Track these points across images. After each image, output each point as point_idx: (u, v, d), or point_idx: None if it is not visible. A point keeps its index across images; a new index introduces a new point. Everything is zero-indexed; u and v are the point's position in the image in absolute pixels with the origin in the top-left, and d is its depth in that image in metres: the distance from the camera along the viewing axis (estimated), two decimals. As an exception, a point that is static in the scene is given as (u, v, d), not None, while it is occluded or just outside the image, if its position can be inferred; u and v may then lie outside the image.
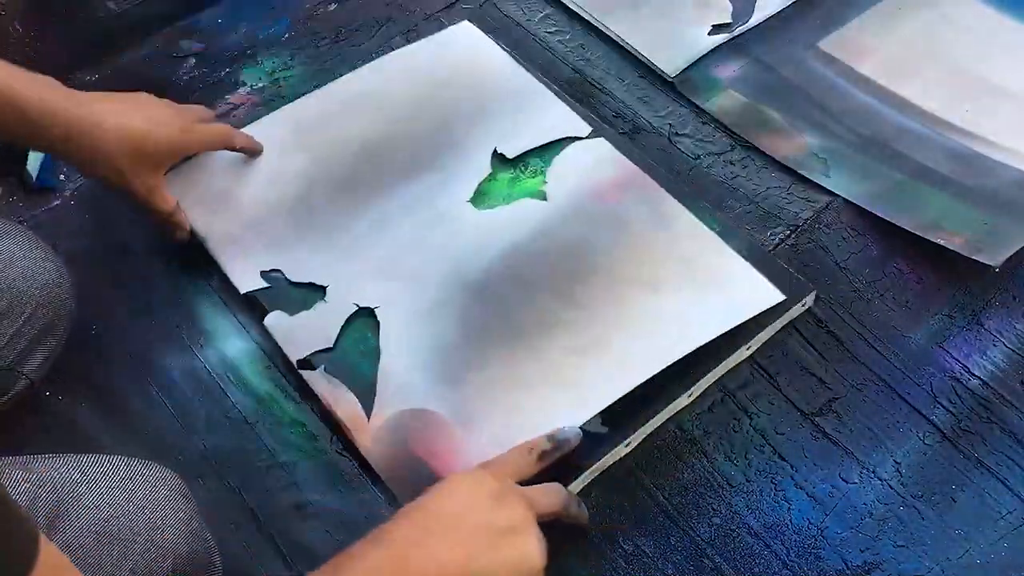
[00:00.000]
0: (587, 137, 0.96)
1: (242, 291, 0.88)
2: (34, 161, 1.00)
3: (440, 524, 0.61)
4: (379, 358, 0.82)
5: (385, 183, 0.93)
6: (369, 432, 0.79)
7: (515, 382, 0.80)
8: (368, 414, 0.79)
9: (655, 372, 0.79)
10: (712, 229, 0.88)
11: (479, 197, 0.92)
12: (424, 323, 0.84)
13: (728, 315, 0.82)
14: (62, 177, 1.01)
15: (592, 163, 0.94)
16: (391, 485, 0.76)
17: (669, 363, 0.79)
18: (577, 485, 0.77)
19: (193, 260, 0.93)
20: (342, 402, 0.80)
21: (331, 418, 0.83)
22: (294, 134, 0.98)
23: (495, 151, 0.95)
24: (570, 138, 0.96)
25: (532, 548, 0.63)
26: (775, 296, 0.84)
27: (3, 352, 0.76)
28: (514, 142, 0.96)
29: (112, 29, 1.12)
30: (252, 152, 0.95)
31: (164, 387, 0.85)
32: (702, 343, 0.81)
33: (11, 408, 0.80)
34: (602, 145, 0.96)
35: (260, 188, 0.94)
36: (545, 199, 0.91)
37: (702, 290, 0.84)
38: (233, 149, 0.93)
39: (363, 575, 0.57)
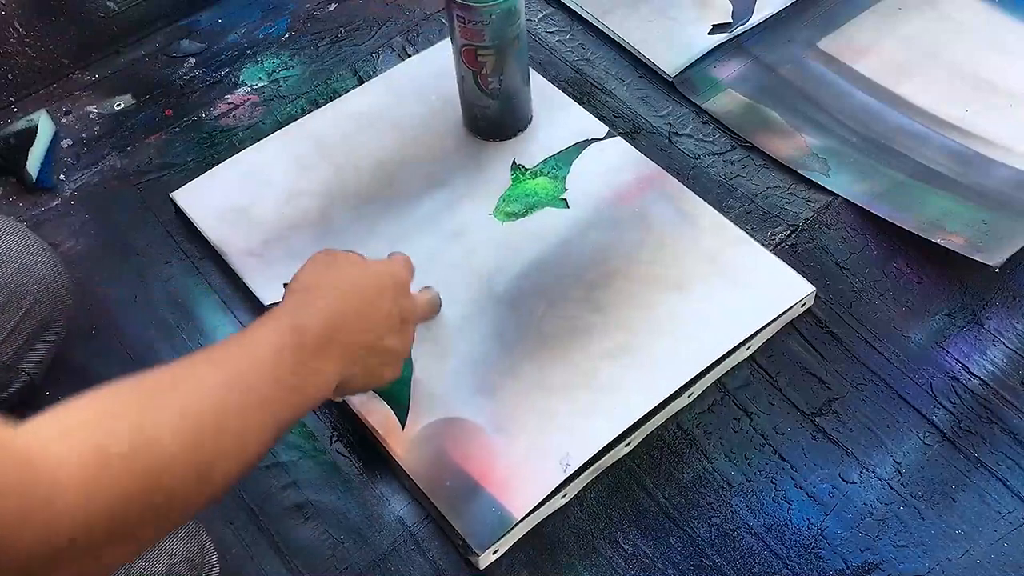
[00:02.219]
0: (604, 138, 0.96)
1: (265, 303, 0.87)
2: (34, 161, 1.00)
3: (338, 335, 0.64)
4: (412, 369, 0.82)
5: (404, 198, 0.93)
6: (404, 441, 0.78)
7: (549, 389, 0.80)
8: (403, 423, 0.79)
9: (692, 376, 0.80)
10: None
11: (501, 210, 0.92)
12: (455, 335, 0.83)
13: (760, 311, 0.83)
14: (62, 177, 1.01)
15: (611, 165, 0.94)
16: (428, 492, 0.76)
17: (705, 366, 0.80)
18: (577, 485, 0.77)
19: (193, 260, 0.93)
20: (374, 412, 0.80)
21: (350, 424, 0.83)
22: (310, 150, 0.97)
23: (514, 162, 0.95)
24: (587, 140, 0.96)
25: (394, 371, 0.71)
26: (805, 288, 0.85)
27: (1, 349, 0.76)
28: (531, 149, 0.96)
29: (112, 29, 1.12)
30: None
31: (164, 387, 0.85)
32: (736, 343, 0.81)
33: (11, 407, 0.80)
34: (620, 145, 0.96)
35: (278, 204, 0.93)
36: (567, 207, 0.91)
37: (730, 287, 0.85)
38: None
39: (260, 377, 0.58)
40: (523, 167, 0.94)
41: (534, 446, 0.77)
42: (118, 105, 1.06)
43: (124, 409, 0.51)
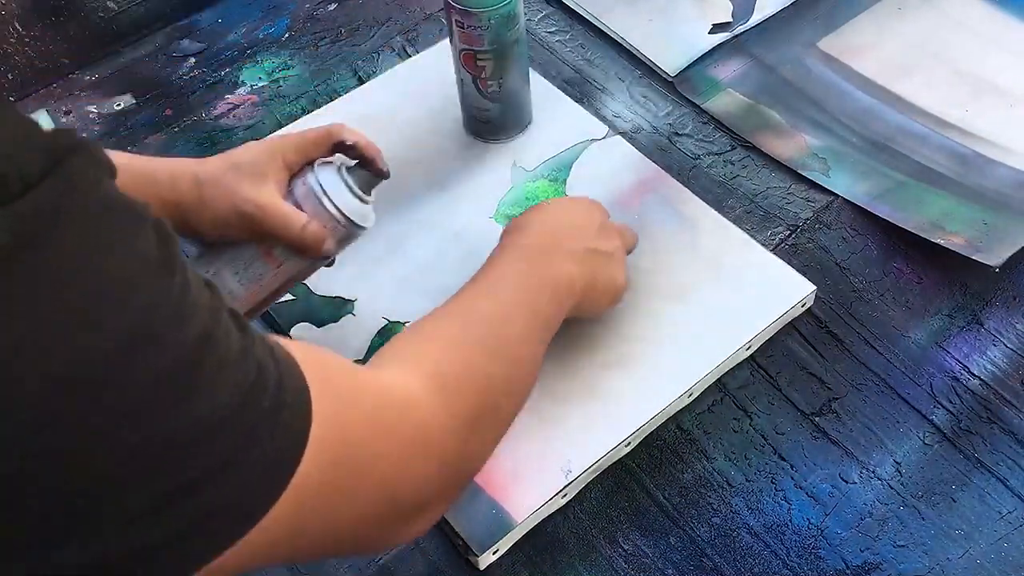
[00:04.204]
0: (604, 138, 0.96)
1: None
2: (34, 161, 1.00)
3: (561, 242, 0.74)
4: None
5: (404, 200, 0.93)
6: None
7: (551, 397, 0.79)
8: None
9: (694, 383, 0.80)
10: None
11: (502, 213, 0.92)
12: None
13: (760, 312, 0.83)
14: (62, 177, 1.01)
15: (611, 165, 0.94)
16: None
17: (707, 372, 0.80)
18: (577, 485, 0.77)
19: (193, 260, 0.93)
20: None
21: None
22: None
23: (514, 163, 0.95)
24: (587, 140, 0.96)
25: (622, 273, 0.78)
26: (805, 288, 0.85)
27: None
28: (532, 150, 0.96)
29: (112, 29, 1.12)
30: (366, 153, 0.74)
31: (164, 387, 0.85)
32: (739, 346, 0.81)
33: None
34: (620, 145, 0.96)
35: None
36: None
37: (731, 288, 0.85)
38: (342, 145, 0.75)
39: (516, 288, 0.69)
40: (523, 169, 0.94)
41: (535, 452, 0.77)
42: (118, 105, 1.06)
43: (440, 338, 0.63)
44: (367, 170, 0.74)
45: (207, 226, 0.71)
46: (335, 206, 0.71)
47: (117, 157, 0.71)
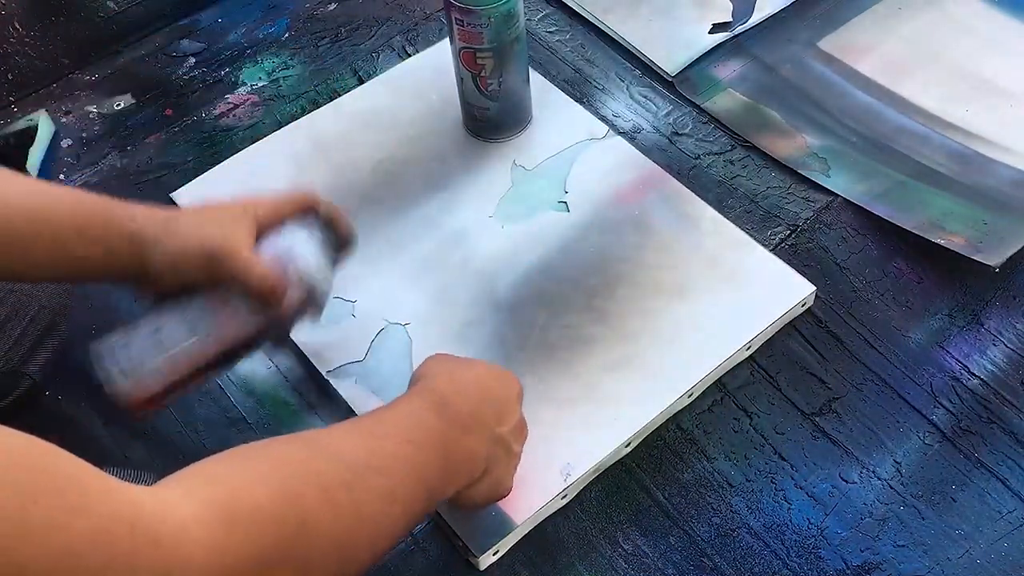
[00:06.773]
0: (604, 137, 0.96)
1: None
2: (34, 161, 1.00)
3: (485, 414, 0.65)
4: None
5: (404, 200, 0.93)
6: None
7: (550, 400, 0.79)
8: None
9: (694, 384, 0.80)
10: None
11: (502, 212, 0.92)
12: (456, 340, 0.83)
13: (760, 312, 0.83)
14: (62, 177, 1.01)
15: (611, 166, 0.94)
16: None
17: (707, 372, 0.80)
18: (577, 485, 0.77)
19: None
20: None
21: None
22: (309, 150, 0.97)
23: (514, 163, 0.95)
24: (587, 140, 0.96)
25: (512, 479, 0.70)
26: (805, 288, 0.85)
27: (9, 355, 0.77)
28: (531, 150, 0.96)
29: (112, 29, 1.12)
30: (337, 223, 0.75)
31: (164, 387, 0.85)
32: (738, 347, 0.81)
33: (11, 408, 0.80)
34: (620, 145, 0.96)
35: None
36: (567, 210, 0.91)
37: (731, 288, 0.85)
38: (314, 212, 0.75)
39: (414, 434, 0.60)
40: (523, 168, 0.94)
41: (535, 455, 0.76)
42: (118, 105, 1.06)
43: (261, 469, 0.51)
44: (337, 238, 0.75)
45: (163, 262, 0.67)
46: (302, 264, 0.71)
47: (68, 194, 0.68)
